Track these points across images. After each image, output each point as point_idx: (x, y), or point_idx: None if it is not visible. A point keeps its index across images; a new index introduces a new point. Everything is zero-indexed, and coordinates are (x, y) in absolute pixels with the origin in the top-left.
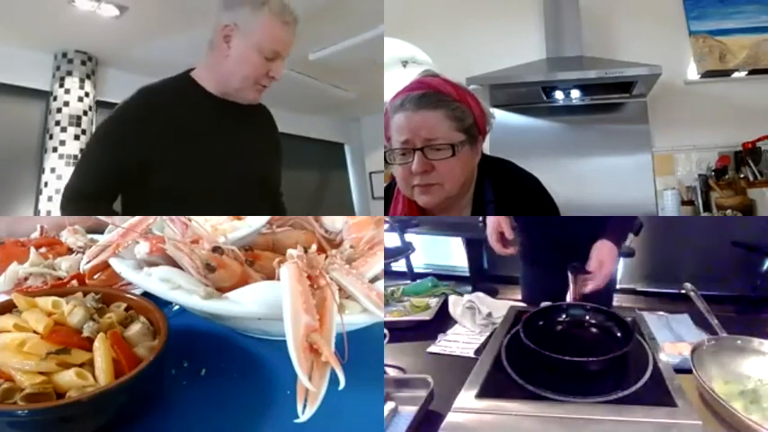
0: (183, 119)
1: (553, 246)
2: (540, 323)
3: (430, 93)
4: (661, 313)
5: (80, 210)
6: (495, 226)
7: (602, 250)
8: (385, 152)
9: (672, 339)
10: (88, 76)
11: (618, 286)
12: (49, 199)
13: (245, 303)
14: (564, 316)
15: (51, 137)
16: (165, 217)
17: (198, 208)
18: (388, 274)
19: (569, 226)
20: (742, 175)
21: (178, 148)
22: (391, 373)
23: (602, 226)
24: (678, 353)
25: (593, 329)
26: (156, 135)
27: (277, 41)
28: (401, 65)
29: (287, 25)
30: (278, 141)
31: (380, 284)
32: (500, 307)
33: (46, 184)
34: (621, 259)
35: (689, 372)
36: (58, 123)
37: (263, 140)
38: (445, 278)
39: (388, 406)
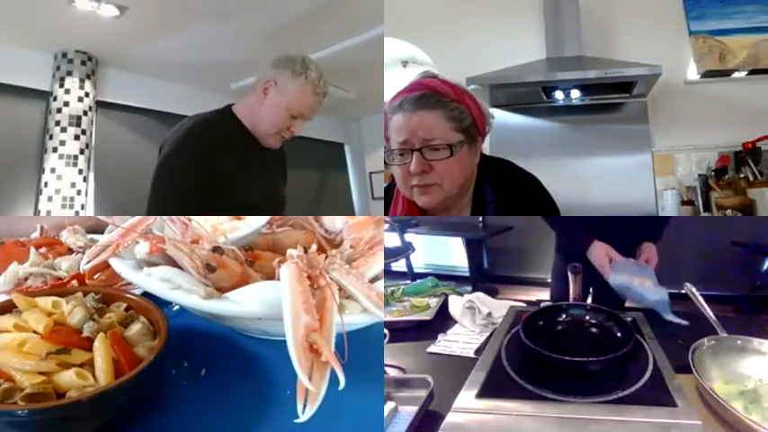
0: (227, 149)
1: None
2: (540, 323)
3: (428, 94)
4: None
5: None
6: (604, 254)
7: (649, 249)
8: (384, 153)
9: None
10: (88, 77)
11: None
12: (49, 199)
13: (245, 303)
14: (564, 316)
15: (51, 137)
16: (165, 217)
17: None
18: (388, 274)
19: (613, 226)
20: (742, 175)
21: (222, 170)
22: (391, 373)
23: (645, 227)
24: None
25: (593, 329)
26: (211, 158)
27: (304, 105)
28: (401, 65)
29: (317, 95)
30: (286, 170)
31: (380, 284)
32: (500, 307)
33: (46, 184)
34: None
35: (687, 371)
36: (58, 123)
37: (278, 171)
38: (445, 278)
39: (388, 406)
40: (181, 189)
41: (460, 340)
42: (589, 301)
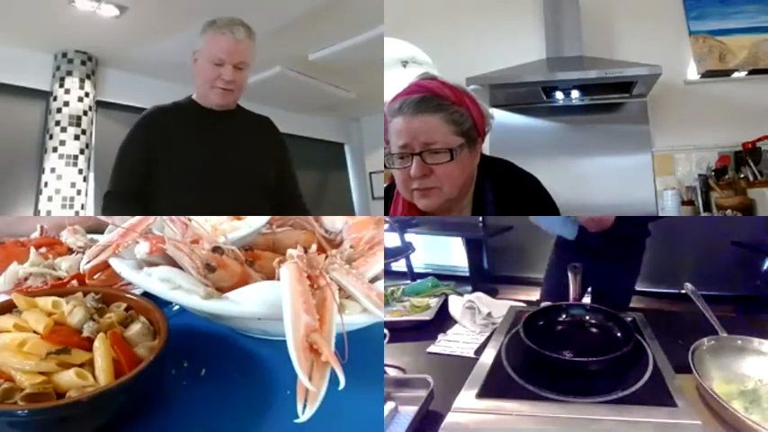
0: (178, 126)
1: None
2: (540, 323)
3: (428, 96)
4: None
5: (117, 210)
6: None
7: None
8: (384, 156)
9: None
10: (88, 76)
11: None
12: (49, 199)
13: (245, 303)
14: (564, 316)
15: (51, 137)
16: (165, 217)
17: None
18: (388, 274)
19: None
20: (742, 175)
21: (173, 151)
22: (391, 373)
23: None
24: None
25: (593, 329)
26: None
27: (220, 50)
28: (401, 65)
29: (223, 35)
30: (275, 143)
31: (380, 284)
32: (500, 307)
33: (46, 184)
34: None
35: (687, 371)
36: (57, 123)
37: (252, 143)
38: (445, 278)
39: (388, 406)
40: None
41: (460, 340)
42: (587, 300)
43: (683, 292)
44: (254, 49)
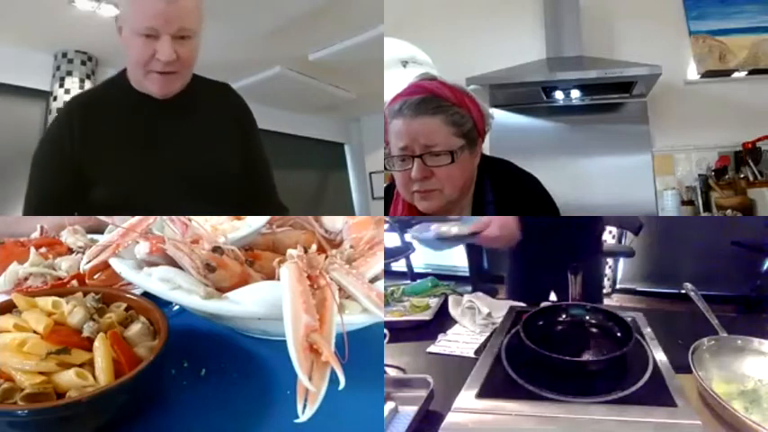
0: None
1: (548, 245)
2: (540, 323)
3: (428, 98)
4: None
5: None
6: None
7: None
8: (384, 158)
9: None
10: (88, 76)
11: (618, 286)
12: None
13: (245, 303)
14: (564, 316)
15: None
16: (165, 217)
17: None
18: (388, 274)
19: (565, 226)
20: (742, 175)
21: (105, 151)
22: (391, 373)
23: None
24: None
25: (593, 329)
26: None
27: (150, 17)
28: (401, 65)
29: None
30: (236, 119)
31: (380, 284)
32: (500, 307)
33: None
34: (621, 259)
35: (687, 371)
36: None
37: (201, 129)
38: (445, 278)
39: (388, 406)
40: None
41: (460, 340)
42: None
43: (683, 292)
44: (200, 8)
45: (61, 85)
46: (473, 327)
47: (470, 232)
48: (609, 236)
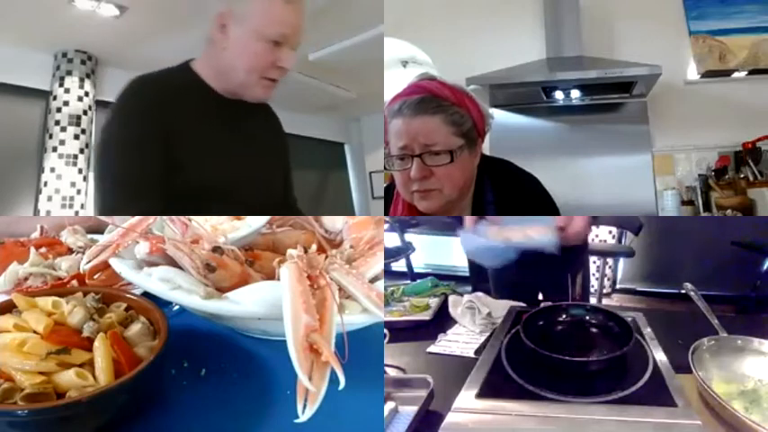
0: (184, 118)
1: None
2: (540, 323)
3: (427, 98)
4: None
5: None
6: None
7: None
8: (384, 158)
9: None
10: (88, 76)
11: (618, 286)
12: (49, 199)
13: (245, 303)
14: (564, 316)
15: (51, 136)
16: (165, 217)
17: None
18: (388, 274)
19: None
20: (742, 175)
21: (179, 151)
22: (391, 373)
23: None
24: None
25: (593, 329)
26: (158, 135)
27: (280, 23)
28: (401, 65)
29: (290, 4)
30: (285, 145)
31: (380, 284)
32: (500, 307)
33: (46, 183)
34: (621, 259)
35: (687, 371)
36: (57, 123)
37: (268, 143)
38: (445, 278)
39: (388, 406)
40: (124, 164)
41: (460, 340)
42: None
43: (683, 292)
44: None
45: (61, 85)
46: (473, 327)
47: (559, 226)
48: (609, 236)
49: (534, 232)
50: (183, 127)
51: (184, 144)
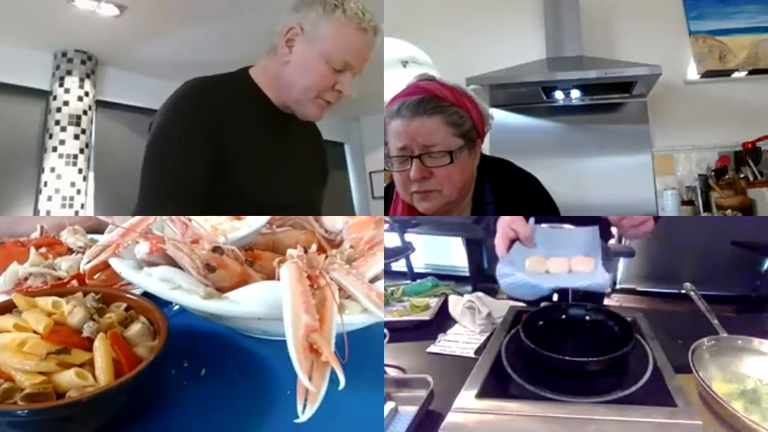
0: (240, 127)
1: None
2: (540, 323)
3: (427, 98)
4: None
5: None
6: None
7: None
8: (384, 159)
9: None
10: (88, 76)
11: (618, 286)
12: (49, 199)
13: (245, 303)
14: (564, 316)
15: (51, 136)
16: (164, 217)
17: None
18: (388, 274)
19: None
20: (742, 175)
21: (229, 158)
22: (391, 373)
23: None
24: (545, 270)
25: (594, 329)
26: (212, 140)
27: (348, 51)
28: (401, 65)
29: (363, 33)
30: (326, 165)
31: (380, 284)
32: (500, 307)
33: (46, 183)
34: (621, 259)
35: (687, 371)
36: (57, 123)
37: (313, 160)
38: (445, 278)
39: (388, 406)
40: (173, 170)
41: (460, 340)
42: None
43: (683, 292)
44: None
45: (61, 85)
46: (473, 327)
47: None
48: None
49: (582, 266)
50: (236, 135)
51: (236, 152)
